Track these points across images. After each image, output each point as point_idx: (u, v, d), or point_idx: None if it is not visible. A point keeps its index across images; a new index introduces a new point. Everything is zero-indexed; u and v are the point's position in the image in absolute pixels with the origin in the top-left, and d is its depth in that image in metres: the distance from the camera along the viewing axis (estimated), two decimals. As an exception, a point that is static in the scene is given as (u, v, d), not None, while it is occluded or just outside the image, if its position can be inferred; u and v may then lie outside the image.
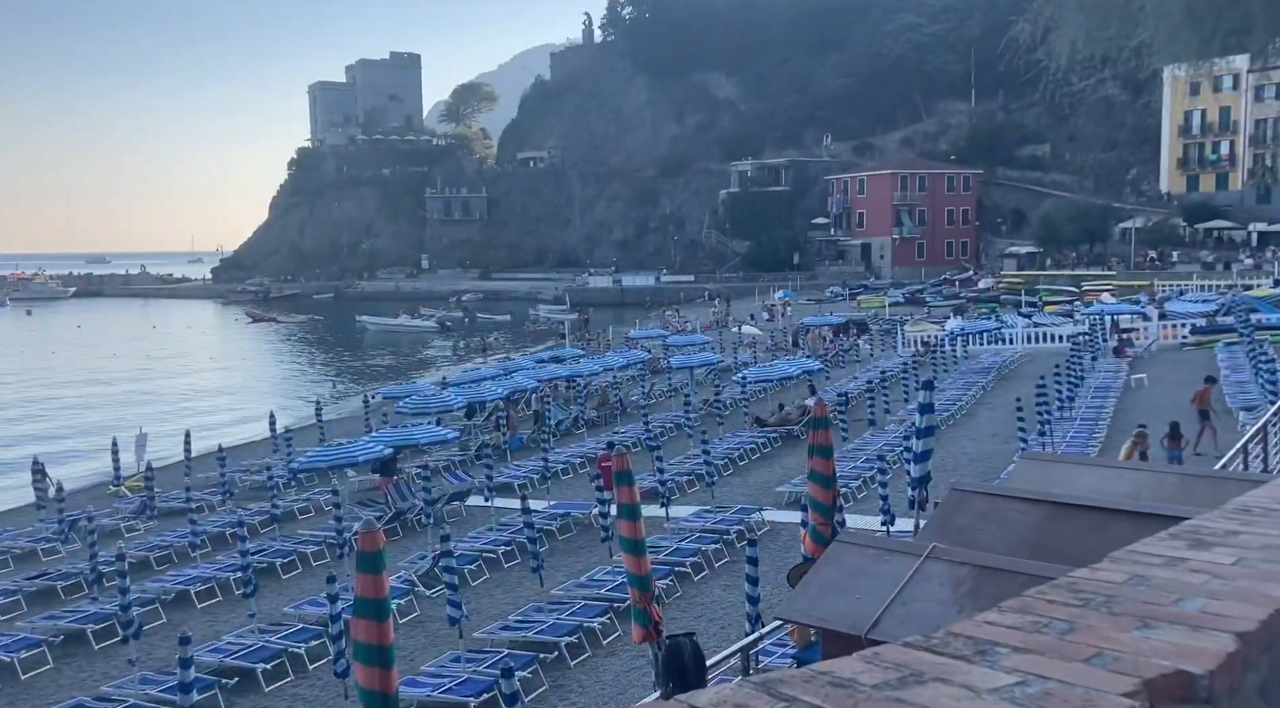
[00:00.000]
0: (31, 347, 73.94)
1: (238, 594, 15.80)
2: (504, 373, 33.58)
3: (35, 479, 24.02)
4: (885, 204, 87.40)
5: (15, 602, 16.60)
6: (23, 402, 46.74)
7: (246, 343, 75.05)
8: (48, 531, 21.11)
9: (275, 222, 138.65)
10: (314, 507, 22.69)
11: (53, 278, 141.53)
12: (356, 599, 6.19)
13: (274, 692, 12.34)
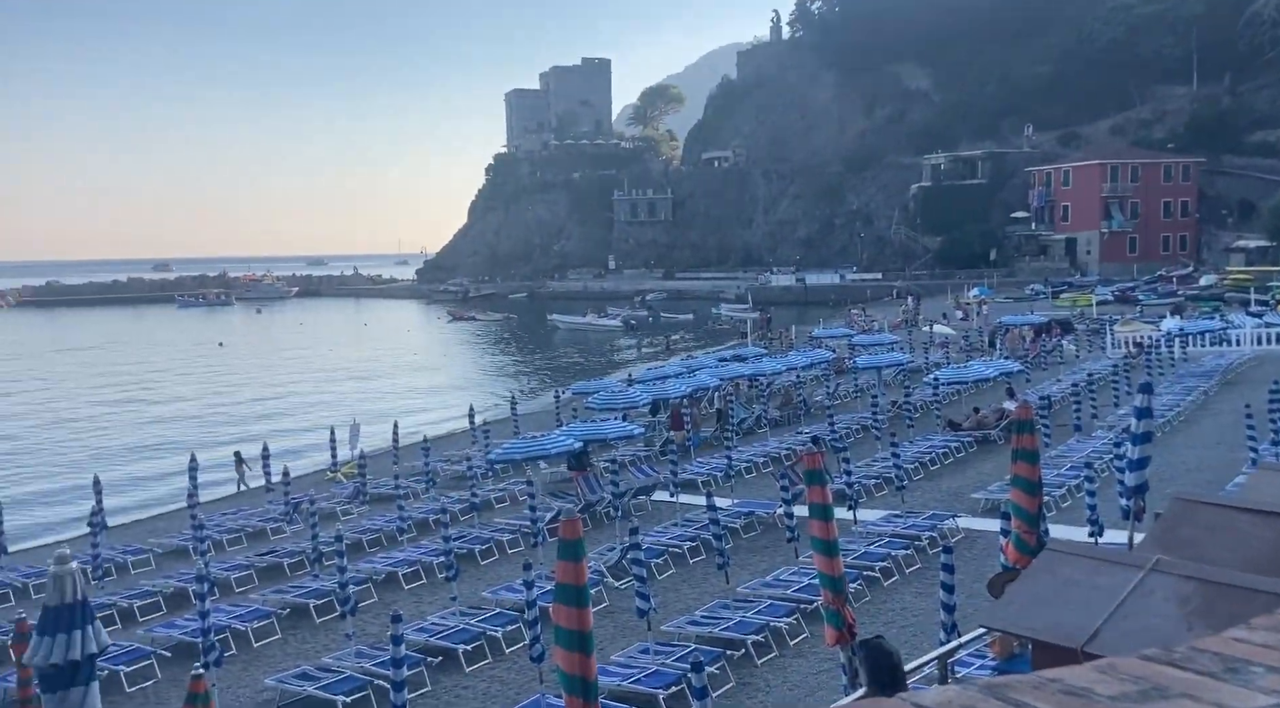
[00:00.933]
0: (263, 342, 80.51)
1: (440, 578, 16.70)
2: (687, 371, 33.87)
3: (236, 465, 26.41)
4: (1093, 196, 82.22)
5: (248, 576, 18.16)
6: (261, 397, 50.96)
7: (447, 340, 79.01)
8: (275, 512, 22.99)
9: (474, 225, 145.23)
10: (509, 497, 23.68)
11: (279, 279, 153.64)
12: (557, 585, 6.44)
13: (474, 672, 12.97)
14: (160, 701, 12.86)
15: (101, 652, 4.25)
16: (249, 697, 12.79)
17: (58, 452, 36.26)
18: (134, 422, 42.39)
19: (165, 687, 13.29)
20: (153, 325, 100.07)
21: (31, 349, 77.52)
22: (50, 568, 4.27)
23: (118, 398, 49.41)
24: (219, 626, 14.00)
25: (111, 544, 20.58)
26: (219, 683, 11.59)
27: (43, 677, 4.18)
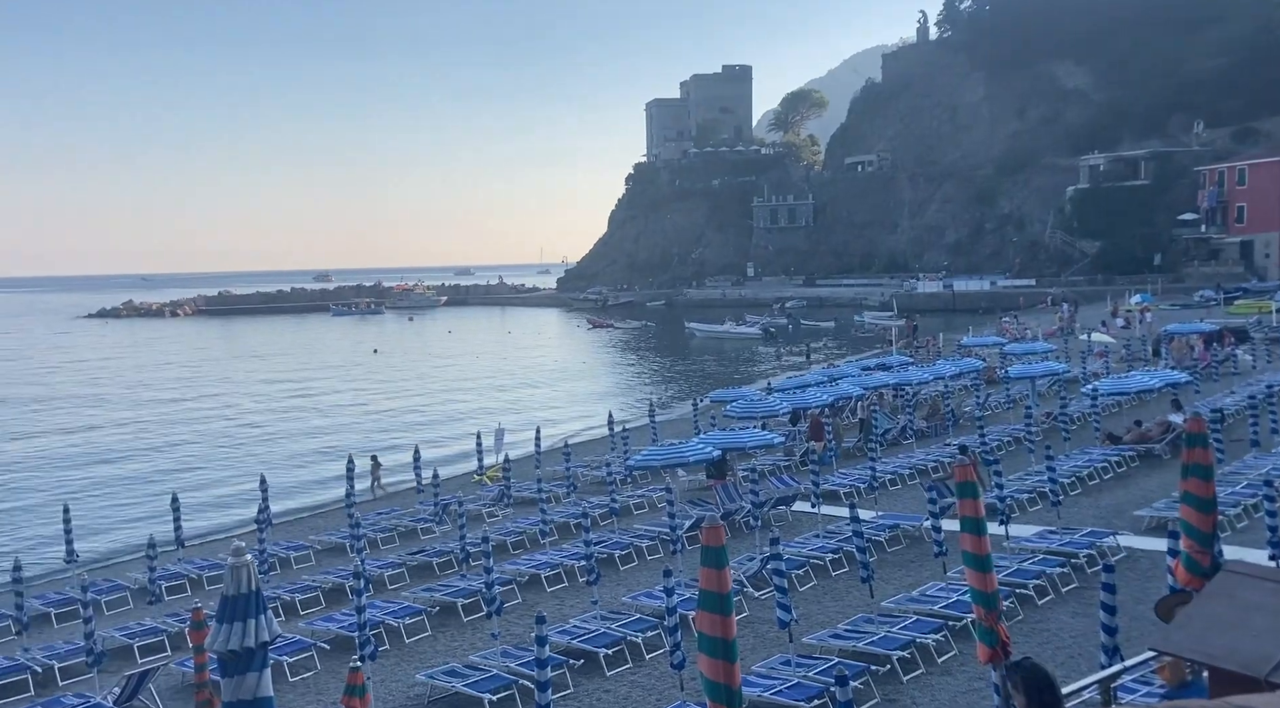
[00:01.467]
0: (414, 349, 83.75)
1: (581, 581, 16.95)
2: (829, 380, 33.31)
3: (372, 469, 27.50)
4: (1273, 196, 76.61)
5: (400, 574, 18.89)
6: (412, 402, 53.07)
7: (586, 348, 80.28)
8: (425, 512, 23.85)
9: (613, 234, 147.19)
10: (648, 503, 23.85)
11: (429, 289, 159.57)
12: (701, 592, 6.44)
13: (615, 677, 13.09)
14: (320, 691, 13.50)
15: (272, 641, 4.50)
16: (401, 691, 13.28)
17: (231, 451, 38.66)
18: (297, 423, 44.78)
19: (324, 678, 13.95)
20: (313, 333, 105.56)
21: (208, 354, 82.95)
22: (228, 560, 4.56)
23: (284, 400, 52.33)
24: (374, 621, 14.61)
25: (276, 540, 21.78)
26: (373, 676, 12.09)
27: (222, 662, 4.45)
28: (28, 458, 37.92)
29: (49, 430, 44.39)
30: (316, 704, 12.90)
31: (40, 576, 21.37)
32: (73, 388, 60.08)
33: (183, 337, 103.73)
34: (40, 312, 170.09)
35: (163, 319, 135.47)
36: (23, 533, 26.33)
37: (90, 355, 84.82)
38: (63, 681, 14.59)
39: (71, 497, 26.46)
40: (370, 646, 12.29)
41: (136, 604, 18.65)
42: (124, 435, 42.52)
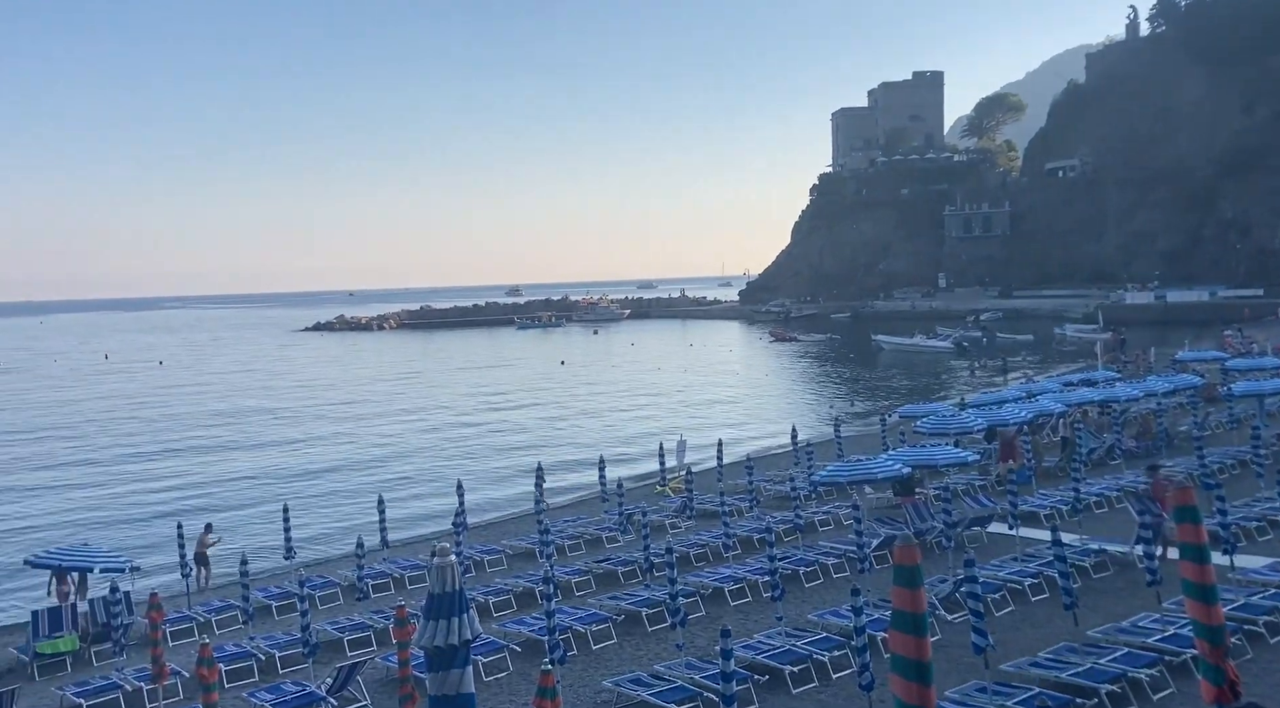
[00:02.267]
0: (598, 360, 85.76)
1: (765, 596, 16.82)
2: (1027, 396, 31.66)
3: (537, 483, 27.94)
4: None
5: (586, 580, 19.32)
6: (596, 411, 54.34)
7: (768, 360, 79.72)
8: (610, 521, 24.31)
9: (797, 245, 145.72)
10: (833, 520, 23.40)
11: (613, 302, 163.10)
12: (894, 612, 6.25)
13: (800, 695, 12.89)
14: (513, 692, 13.96)
15: (474, 639, 4.70)
16: (588, 696, 13.55)
17: (431, 458, 40.73)
18: (492, 431, 46.67)
19: (516, 679, 14.42)
20: (505, 345, 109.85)
21: (412, 367, 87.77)
22: (434, 560, 4.80)
23: (480, 408, 54.70)
24: (562, 626, 15.01)
25: (472, 544, 22.73)
26: (562, 680, 12.39)
27: (427, 657, 4.68)
28: (257, 462, 41.24)
29: (275, 440, 48.11)
30: (510, 705, 13.34)
31: (263, 571, 23.10)
32: (293, 398, 64.91)
33: (388, 349, 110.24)
34: (265, 325, 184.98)
35: (370, 332, 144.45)
36: (250, 531, 28.61)
37: (309, 366, 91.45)
38: (282, 669, 15.73)
39: (292, 499, 28.57)
40: (559, 650, 12.62)
41: (346, 600, 19.90)
42: (338, 443, 45.56)
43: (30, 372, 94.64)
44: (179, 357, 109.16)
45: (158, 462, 41.31)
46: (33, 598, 21.86)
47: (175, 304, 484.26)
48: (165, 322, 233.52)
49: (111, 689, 14.90)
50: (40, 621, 17.63)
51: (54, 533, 28.56)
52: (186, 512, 29.05)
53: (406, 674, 11.05)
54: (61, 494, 35.36)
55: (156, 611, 14.20)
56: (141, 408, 60.74)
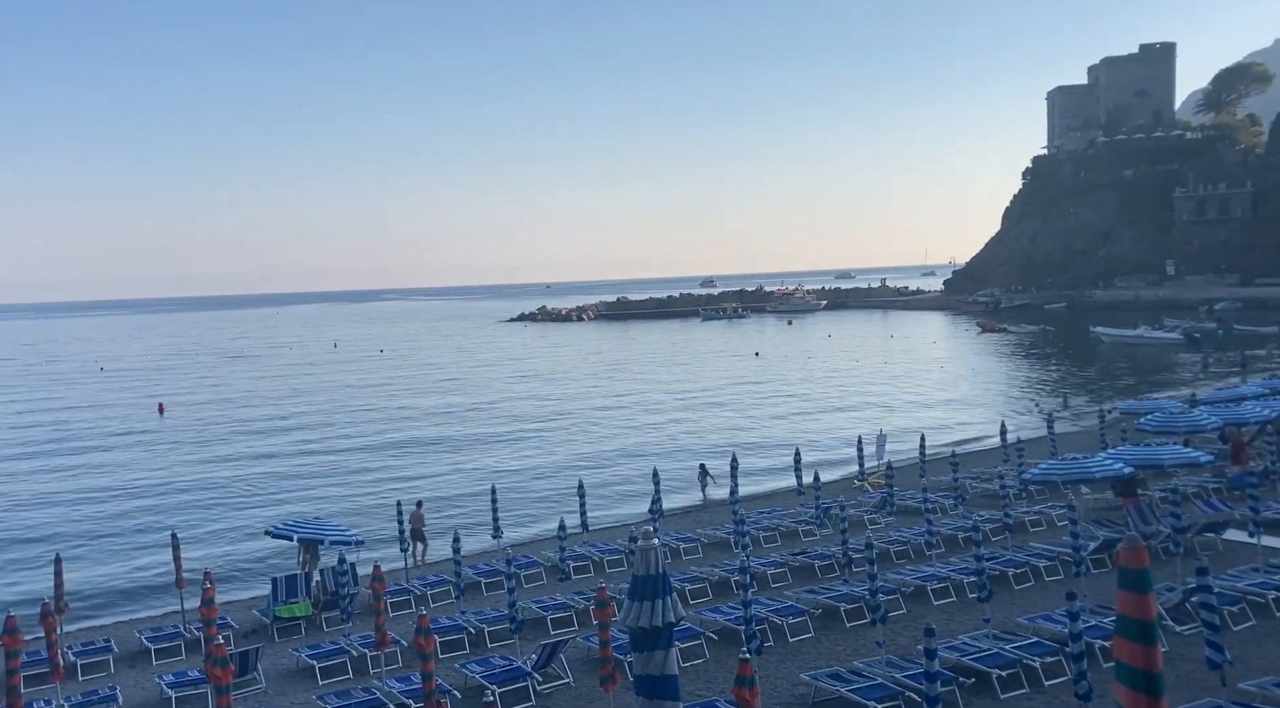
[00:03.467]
0: (793, 352, 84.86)
1: (971, 597, 16.17)
2: (1270, 392, 28.85)
3: (700, 477, 27.65)
4: None
5: (783, 573, 19.19)
6: (791, 403, 53.86)
7: (975, 353, 76.36)
8: (806, 514, 24.03)
9: (1007, 232, 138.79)
10: (1045, 520, 22.21)
11: (809, 293, 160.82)
12: (1119, 618, 5.84)
13: (1010, 700, 12.31)
14: (709, 679, 14.06)
15: (677, 622, 4.75)
16: (786, 688, 13.46)
17: (631, 443, 41.59)
18: (687, 421, 47.12)
19: (712, 667, 14.52)
20: (698, 337, 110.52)
21: (610, 358, 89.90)
22: (638, 543, 4.89)
23: (677, 399, 55.34)
24: (758, 617, 14.98)
25: (667, 531, 23.05)
26: (758, 671, 12.37)
27: (632, 637, 4.77)
28: (468, 446, 43.44)
29: (484, 425, 50.51)
30: (707, 691, 13.44)
31: (474, 551, 24.28)
32: (504, 385, 67.91)
33: (588, 339, 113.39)
34: (473, 316, 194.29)
35: (570, 323, 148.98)
36: (461, 511, 30.16)
37: (516, 354, 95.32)
38: (490, 643, 16.51)
39: (499, 480, 29.92)
40: (756, 640, 12.59)
41: (549, 580, 20.64)
42: (541, 431, 47.30)
43: (267, 358, 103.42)
44: (398, 346, 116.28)
45: (381, 442, 44.23)
46: (273, 565, 23.98)
47: (395, 296, 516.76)
48: (386, 312, 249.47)
49: (339, 654, 16.10)
50: (279, 587, 19.28)
51: (292, 507, 31.13)
52: (404, 490, 30.99)
53: (608, 655, 11.35)
54: (296, 471, 38.49)
55: (379, 582, 15.21)
56: (366, 393, 65.19)
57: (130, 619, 20.95)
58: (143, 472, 39.53)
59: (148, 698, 15.19)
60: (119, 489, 36.21)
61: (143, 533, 29.24)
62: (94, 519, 31.52)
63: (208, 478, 37.56)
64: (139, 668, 16.88)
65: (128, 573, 25.20)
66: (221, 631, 16.25)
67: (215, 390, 70.88)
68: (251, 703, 14.33)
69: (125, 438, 48.88)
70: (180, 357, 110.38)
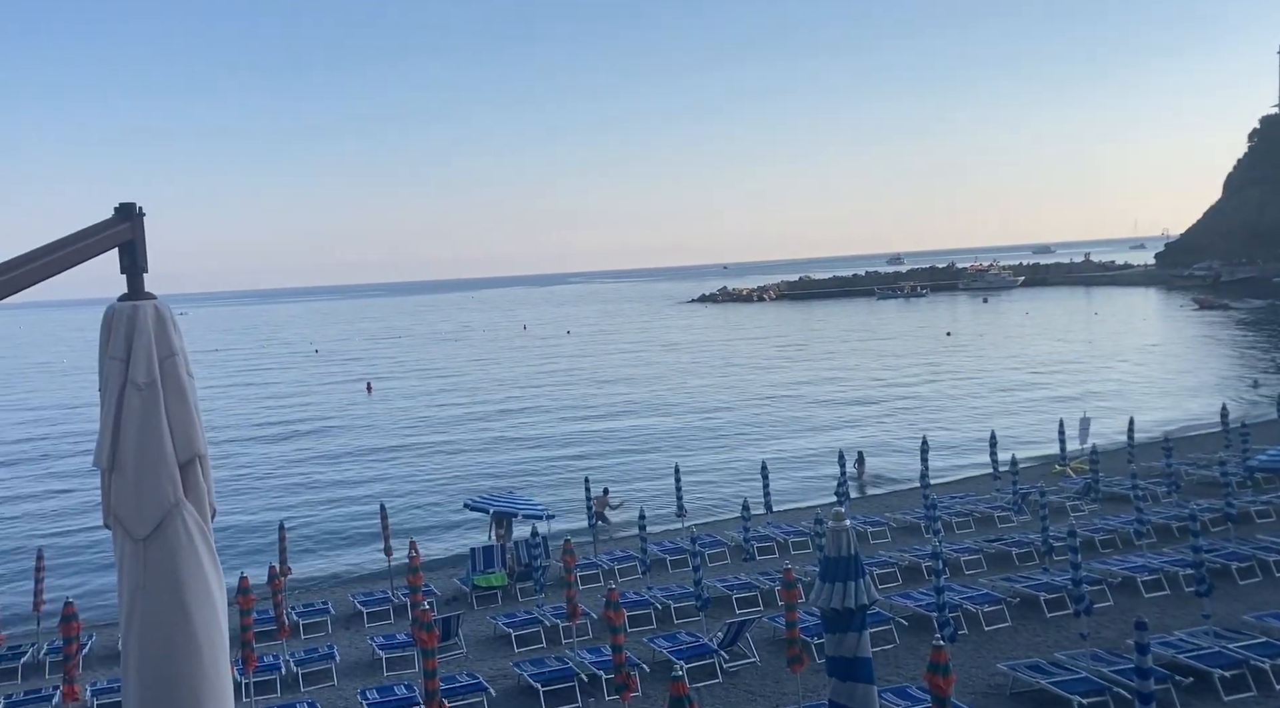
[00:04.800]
0: (988, 331, 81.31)
1: (1187, 591, 15.10)
2: None
3: (922, 457, 26.41)
4: None
5: (977, 560, 18.50)
6: (988, 383, 51.69)
7: (1191, 331, 70.76)
8: (1003, 500, 23.04)
9: (1229, 199, 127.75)
10: (1275, 510, 20.41)
11: (1004, 269, 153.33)
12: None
13: (1233, 703, 11.42)
14: (899, 664, 13.75)
15: (870, 604, 4.67)
16: (981, 678, 13.00)
17: (816, 425, 41.10)
18: (875, 402, 46.05)
19: (902, 653, 14.19)
20: (887, 316, 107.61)
21: (801, 338, 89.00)
22: (829, 524, 4.83)
23: (866, 378, 54.20)
24: (951, 604, 14.50)
25: (854, 514, 22.64)
26: (952, 659, 11.99)
27: (824, 618, 4.73)
28: (655, 425, 44.15)
29: (671, 405, 51.16)
30: (897, 677, 13.16)
31: (659, 530, 24.67)
32: (689, 365, 68.53)
33: (770, 320, 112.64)
34: (654, 298, 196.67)
35: (751, 303, 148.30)
36: (642, 485, 30.69)
37: (701, 336, 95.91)
38: (676, 619, 16.75)
39: (684, 458, 30.25)
40: (950, 627, 12.22)
41: (734, 560, 20.71)
42: (730, 411, 47.44)
43: (463, 341, 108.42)
44: (583, 327, 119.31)
45: (573, 419, 45.59)
46: (471, 537, 25.20)
47: (578, 279, 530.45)
48: (571, 295, 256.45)
49: (533, 624, 16.76)
50: (476, 557, 20.25)
51: (488, 482, 32.59)
52: (593, 467, 31.81)
53: (794, 636, 11.30)
54: (492, 446, 40.24)
55: (569, 555, 15.72)
56: (555, 374, 67.31)
57: (345, 584, 22.55)
58: (352, 446, 42.35)
59: (361, 658, 16.32)
60: (333, 460, 38.94)
61: (354, 503, 31.35)
62: (310, 488, 34.05)
63: (411, 453, 39.84)
64: (353, 629, 18.15)
65: (341, 541, 27.11)
66: (425, 597, 17.22)
67: (418, 371, 74.97)
68: (454, 666, 15.14)
69: (337, 415, 52.49)
70: (384, 339, 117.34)
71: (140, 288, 3.23)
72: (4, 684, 16.21)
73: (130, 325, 3.15)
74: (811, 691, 12.61)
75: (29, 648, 17.39)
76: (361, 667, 15.93)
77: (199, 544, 3.26)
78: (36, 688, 15.42)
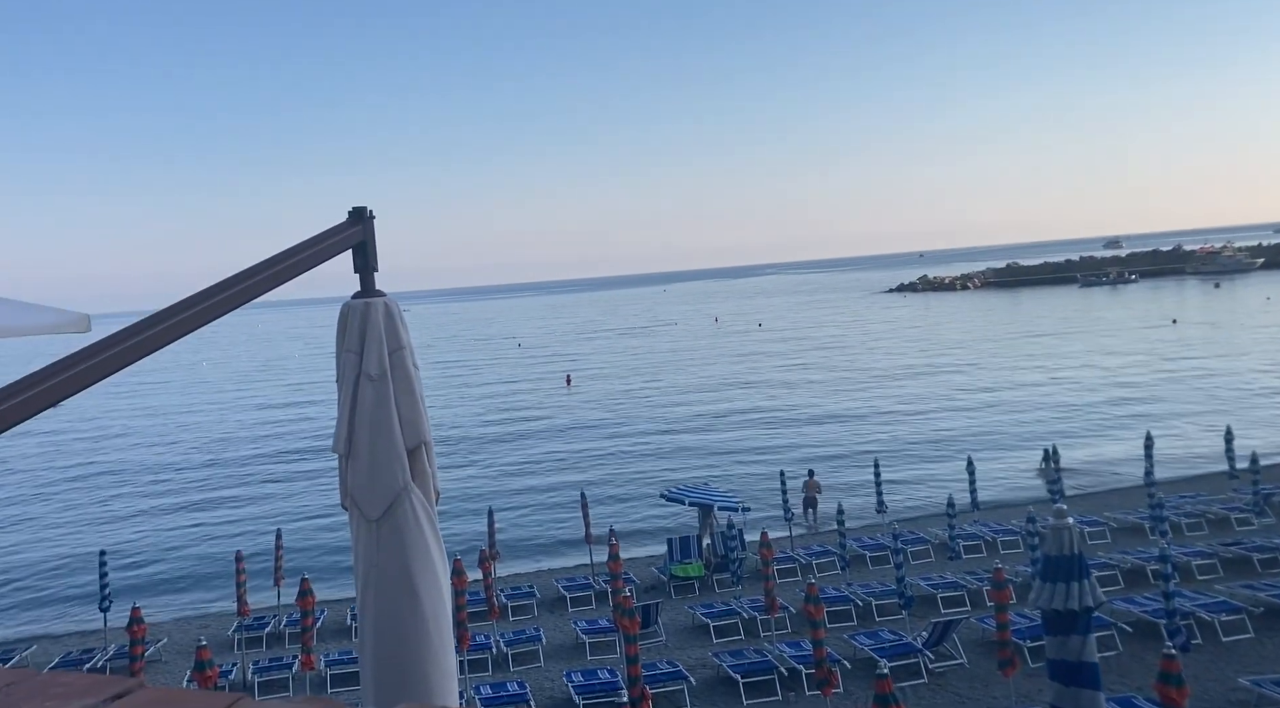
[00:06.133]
0: (1222, 319, 74.73)
1: None
2: None
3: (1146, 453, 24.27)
4: None
5: (1211, 565, 17.06)
6: (1211, 376, 47.64)
7: None
8: (1241, 501, 21.14)
9: None
10: None
11: (1239, 250, 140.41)
12: None
13: None
14: (1123, 672, 12.89)
15: (1097, 606, 4.39)
16: (1219, 692, 11.99)
17: (1027, 420, 39.08)
18: (1094, 394, 43.29)
19: (1126, 660, 13.29)
20: (1102, 303, 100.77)
21: (986, 333, 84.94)
22: (1050, 522, 4.57)
23: (1089, 370, 51.06)
24: (1183, 611, 13.46)
25: (1070, 513, 21.36)
26: (1185, 670, 11.12)
27: (1045, 620, 4.48)
28: (855, 419, 43.30)
29: (871, 397, 50.04)
30: (1121, 685, 12.34)
31: (859, 525, 24.16)
32: (891, 359, 66.79)
33: (978, 310, 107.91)
34: (849, 288, 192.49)
35: (954, 292, 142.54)
36: (846, 479, 30.11)
37: (904, 329, 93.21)
38: (878, 617, 16.36)
39: (882, 454, 29.45)
40: (1181, 636, 11.34)
41: (938, 558, 20.02)
42: (934, 404, 45.92)
43: (657, 333, 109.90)
44: (776, 320, 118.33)
45: (765, 413, 45.39)
46: (666, 527, 25.54)
47: (770, 271, 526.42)
48: (765, 287, 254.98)
49: (731, 614, 16.81)
50: (673, 547, 20.50)
51: (684, 474, 32.93)
52: (787, 460, 31.54)
53: (1006, 638, 10.80)
54: (687, 439, 40.63)
55: (767, 549, 15.65)
56: (745, 364, 67.15)
57: (549, 569, 23.38)
58: (553, 436, 43.82)
59: (565, 641, 16.87)
60: (534, 450, 40.44)
61: (555, 491, 32.45)
62: (514, 476, 35.48)
63: (609, 444, 40.82)
64: (557, 613, 18.79)
65: (544, 528, 28.12)
66: (625, 585, 17.60)
67: (614, 364, 76.71)
68: (654, 654, 15.40)
69: (539, 407, 54.46)
70: (583, 333, 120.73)
71: (371, 286, 3.44)
72: (251, 651, 17.81)
73: (363, 321, 3.37)
74: (1025, 696, 12.02)
75: (271, 619, 19.03)
76: (565, 649, 16.47)
77: (425, 526, 3.45)
78: (279, 656, 16.86)
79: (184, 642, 18.40)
